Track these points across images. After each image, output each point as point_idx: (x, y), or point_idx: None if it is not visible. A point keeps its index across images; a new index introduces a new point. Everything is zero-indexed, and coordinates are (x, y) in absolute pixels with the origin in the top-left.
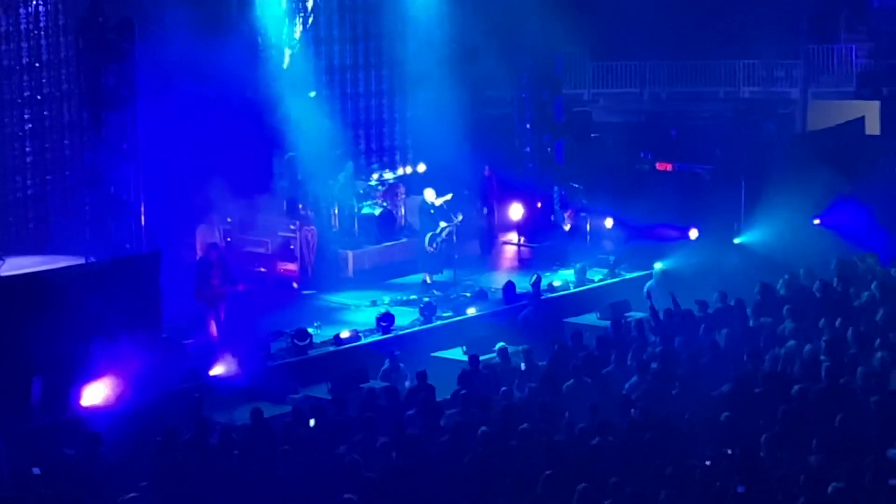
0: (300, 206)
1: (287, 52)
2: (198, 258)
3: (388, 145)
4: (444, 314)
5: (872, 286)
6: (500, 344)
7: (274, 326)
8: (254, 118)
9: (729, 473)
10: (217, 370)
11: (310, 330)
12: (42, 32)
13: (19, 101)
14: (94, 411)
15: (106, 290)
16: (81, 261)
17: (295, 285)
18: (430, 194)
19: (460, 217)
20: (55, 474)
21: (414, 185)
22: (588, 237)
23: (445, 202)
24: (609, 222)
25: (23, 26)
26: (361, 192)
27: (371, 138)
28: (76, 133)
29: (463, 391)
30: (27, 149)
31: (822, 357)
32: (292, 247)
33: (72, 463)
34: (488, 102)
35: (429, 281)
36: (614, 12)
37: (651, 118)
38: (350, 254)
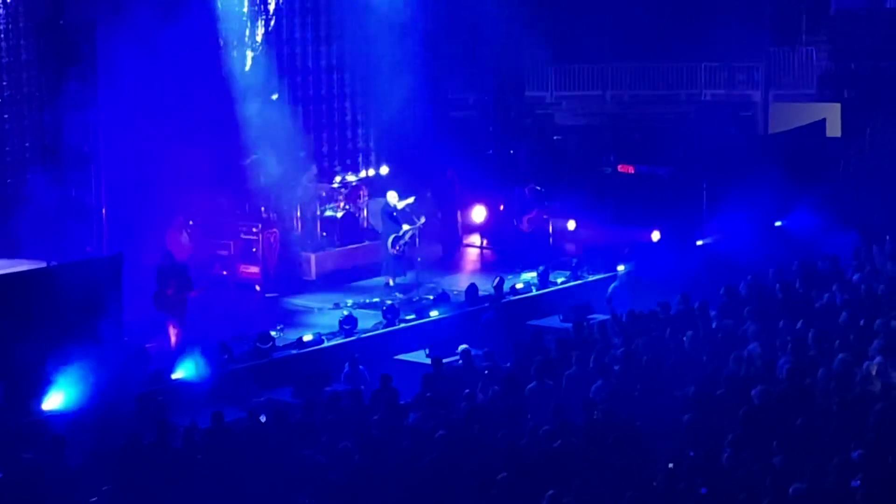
0: (262, 208)
1: (249, 53)
2: (156, 266)
3: (350, 148)
4: (407, 317)
5: (834, 288)
6: (463, 346)
7: (236, 329)
8: (216, 120)
9: (692, 475)
10: (178, 374)
11: (272, 333)
12: (2, 35)
13: None
14: (55, 415)
15: (67, 293)
16: (43, 264)
17: (257, 288)
18: (392, 197)
19: (422, 220)
20: (16, 478)
21: (376, 187)
22: (550, 239)
23: (408, 205)
24: (571, 224)
25: None
26: (324, 194)
27: (334, 141)
28: (37, 136)
29: (427, 394)
30: None
31: (784, 359)
32: (255, 249)
33: (33, 467)
34: (451, 105)
35: (391, 284)
36: (576, 15)
37: (613, 120)
38: (312, 256)
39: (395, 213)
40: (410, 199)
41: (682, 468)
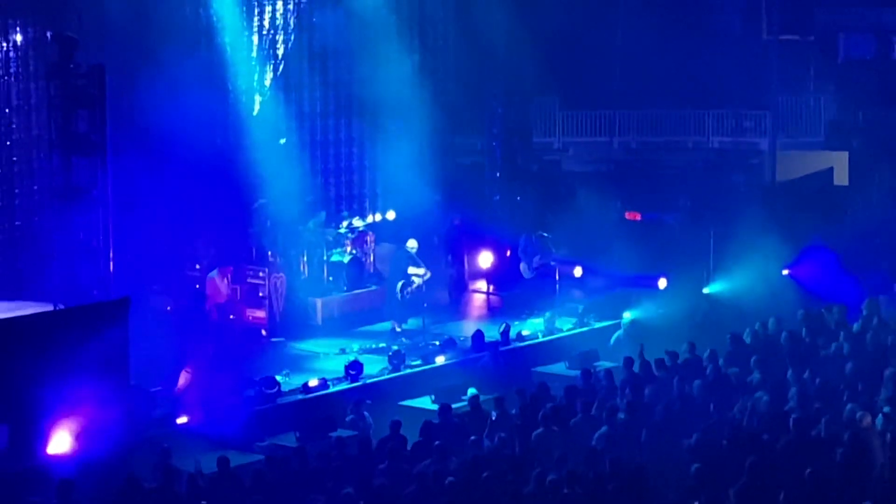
0: (269, 253)
1: (257, 98)
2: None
3: (357, 193)
4: (413, 362)
5: (840, 337)
6: (472, 391)
7: (242, 374)
8: (224, 165)
9: None
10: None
11: (278, 378)
12: (12, 78)
13: None
14: (60, 459)
15: (74, 336)
16: (50, 307)
17: (264, 332)
18: (412, 245)
19: (428, 274)
20: None
21: (383, 232)
22: (557, 286)
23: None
24: (578, 271)
25: None
26: (331, 239)
27: (341, 185)
28: (45, 179)
29: (436, 442)
30: None
31: (791, 408)
32: (261, 294)
33: None
34: (459, 150)
35: (398, 329)
36: (585, 62)
37: (621, 167)
38: (319, 301)
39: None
40: (426, 274)
41: None
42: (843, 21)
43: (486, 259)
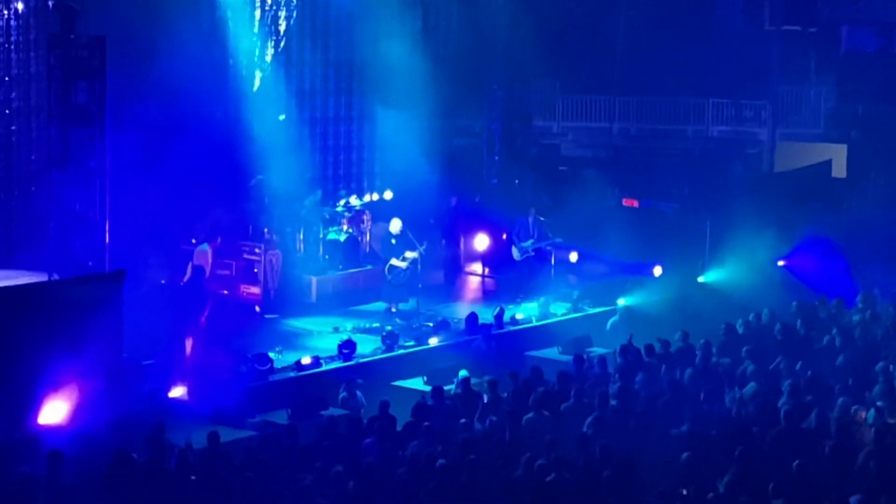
0: (265, 229)
1: (258, 74)
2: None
3: (355, 171)
4: (406, 343)
5: (833, 331)
6: (463, 373)
7: (235, 350)
8: (222, 140)
9: None
10: (176, 392)
11: (271, 355)
12: (12, 47)
13: None
14: (50, 429)
15: (68, 307)
16: (44, 278)
17: (257, 309)
18: (395, 225)
19: (424, 246)
20: (9, 492)
21: (380, 212)
22: (552, 270)
23: (405, 237)
24: (574, 256)
25: None
26: (327, 217)
27: (339, 164)
28: (43, 149)
29: (425, 423)
30: None
31: (783, 400)
32: (256, 270)
33: (27, 481)
34: (457, 132)
35: (392, 310)
36: (586, 46)
37: (619, 153)
38: (314, 279)
39: (392, 241)
40: (414, 254)
41: None
42: (846, 13)
43: (481, 242)
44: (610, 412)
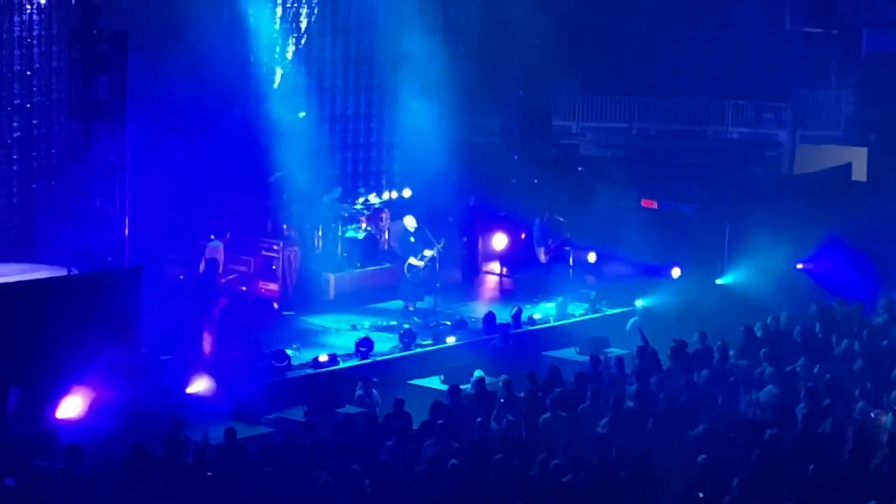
0: (284, 226)
1: (279, 71)
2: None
3: (374, 169)
4: (424, 342)
5: (855, 333)
6: (478, 373)
7: (253, 346)
8: (243, 136)
9: None
10: (194, 388)
11: (288, 351)
12: (35, 41)
13: (9, 108)
14: (68, 424)
15: (87, 302)
16: (64, 272)
17: (275, 306)
18: (409, 221)
19: (443, 242)
20: (28, 486)
21: (399, 210)
22: (570, 271)
23: (423, 232)
24: (592, 257)
25: (16, 33)
26: (346, 215)
27: (358, 161)
28: (64, 143)
29: (440, 421)
30: (14, 157)
31: (801, 404)
32: (274, 267)
33: (45, 475)
34: (477, 131)
35: (410, 308)
36: (606, 47)
37: (638, 154)
38: (332, 276)
39: (411, 239)
40: (432, 252)
41: None
42: (868, 16)
43: (500, 241)
44: (626, 413)
